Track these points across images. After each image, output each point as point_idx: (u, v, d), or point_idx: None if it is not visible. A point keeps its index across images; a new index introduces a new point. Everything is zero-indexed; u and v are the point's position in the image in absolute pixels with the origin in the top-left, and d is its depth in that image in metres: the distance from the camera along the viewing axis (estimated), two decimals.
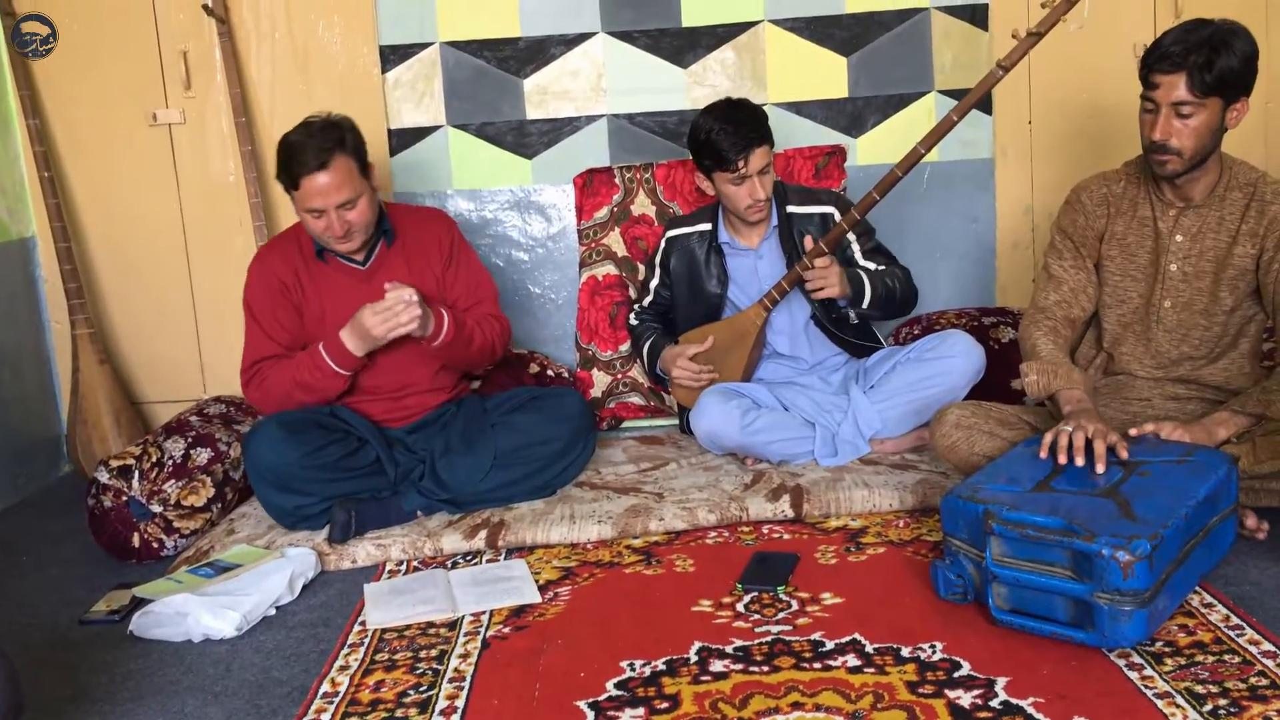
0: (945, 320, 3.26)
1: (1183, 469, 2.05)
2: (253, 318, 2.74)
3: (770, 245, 2.99)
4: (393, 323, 2.54)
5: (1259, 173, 2.39)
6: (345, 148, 2.57)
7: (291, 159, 2.55)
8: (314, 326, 2.72)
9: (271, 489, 2.58)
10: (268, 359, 2.71)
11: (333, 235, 2.61)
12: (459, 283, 2.83)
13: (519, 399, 2.84)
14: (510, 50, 3.41)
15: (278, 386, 2.67)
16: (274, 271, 2.73)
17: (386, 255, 2.76)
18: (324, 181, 2.53)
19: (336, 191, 2.55)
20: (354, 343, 2.60)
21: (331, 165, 2.53)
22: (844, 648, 1.92)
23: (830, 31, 3.40)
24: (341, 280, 2.73)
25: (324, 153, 2.53)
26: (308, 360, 2.65)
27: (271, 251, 2.79)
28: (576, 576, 2.33)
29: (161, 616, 2.19)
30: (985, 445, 2.43)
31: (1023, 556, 1.90)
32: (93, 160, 3.41)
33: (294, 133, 2.60)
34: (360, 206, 2.60)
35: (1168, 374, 2.45)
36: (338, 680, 1.95)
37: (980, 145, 3.46)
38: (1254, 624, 1.91)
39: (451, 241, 2.84)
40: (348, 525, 2.53)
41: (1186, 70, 2.22)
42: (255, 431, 2.62)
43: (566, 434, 2.76)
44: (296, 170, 2.54)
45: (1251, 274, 2.37)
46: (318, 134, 2.56)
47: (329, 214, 2.57)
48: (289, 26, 3.36)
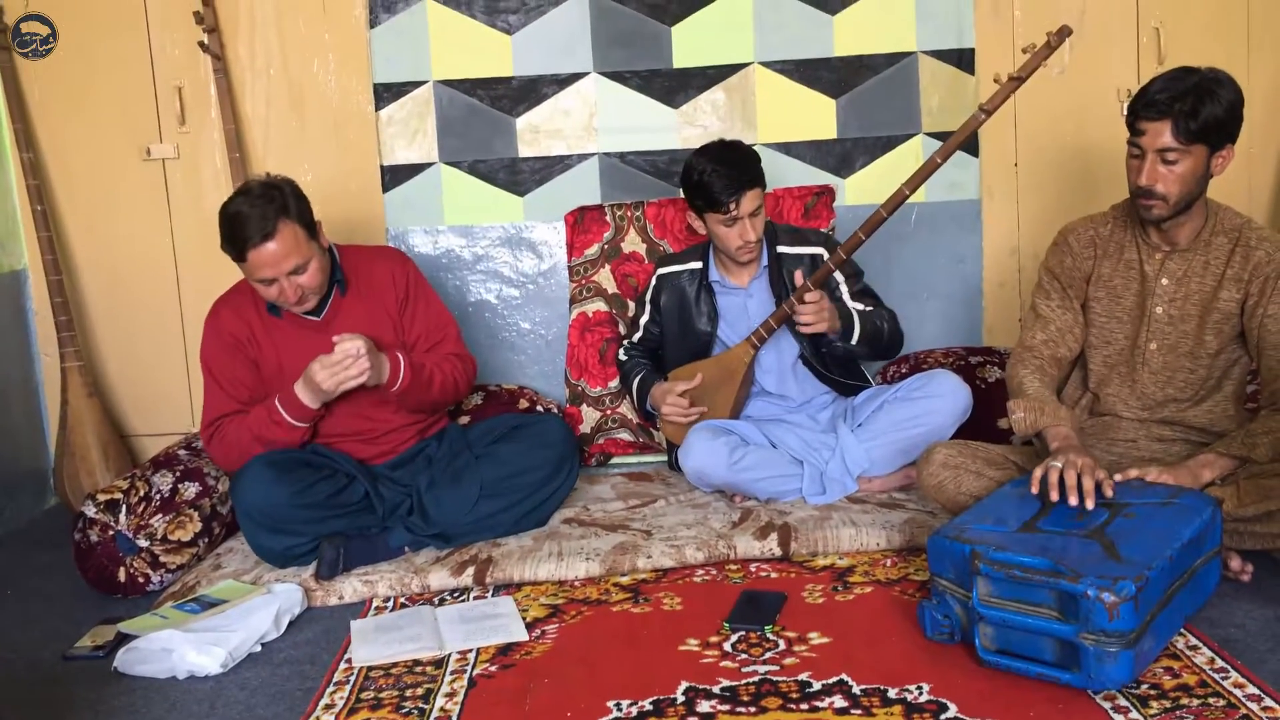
0: (932, 360, 3.28)
1: (1168, 511, 2.06)
2: (210, 376, 2.71)
3: (760, 284, 3.02)
4: (341, 376, 2.51)
5: (1244, 219, 2.42)
6: (289, 214, 2.50)
7: (234, 231, 2.48)
8: (272, 380, 2.69)
9: (261, 530, 2.56)
10: (226, 416, 2.69)
11: (285, 301, 2.57)
12: (417, 323, 2.79)
13: (501, 429, 2.84)
14: (503, 89, 3.44)
15: (236, 443, 2.65)
16: (228, 329, 2.69)
17: (341, 303, 2.71)
18: (271, 250, 2.47)
19: (285, 260, 2.49)
20: (307, 396, 2.58)
21: (277, 234, 2.46)
22: (831, 688, 1.92)
23: (819, 74, 3.45)
24: (296, 333, 2.68)
25: (267, 221, 2.46)
26: (264, 415, 2.63)
27: (225, 307, 2.73)
28: (564, 614, 2.32)
29: (146, 653, 2.18)
30: (972, 485, 2.44)
31: (1009, 597, 1.91)
32: (86, 194, 3.42)
33: (234, 202, 2.52)
34: (311, 270, 2.55)
35: (1153, 415, 2.47)
36: (323, 719, 1.94)
37: (967, 187, 3.50)
38: (1239, 667, 1.92)
39: (407, 281, 2.79)
40: (336, 562, 2.52)
41: (1172, 118, 2.26)
42: (243, 473, 2.59)
43: (550, 461, 2.76)
44: (241, 243, 2.47)
45: (1236, 318, 2.40)
46: (259, 202, 2.48)
47: (280, 282, 2.52)
48: (284, 63, 3.39)
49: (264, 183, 2.56)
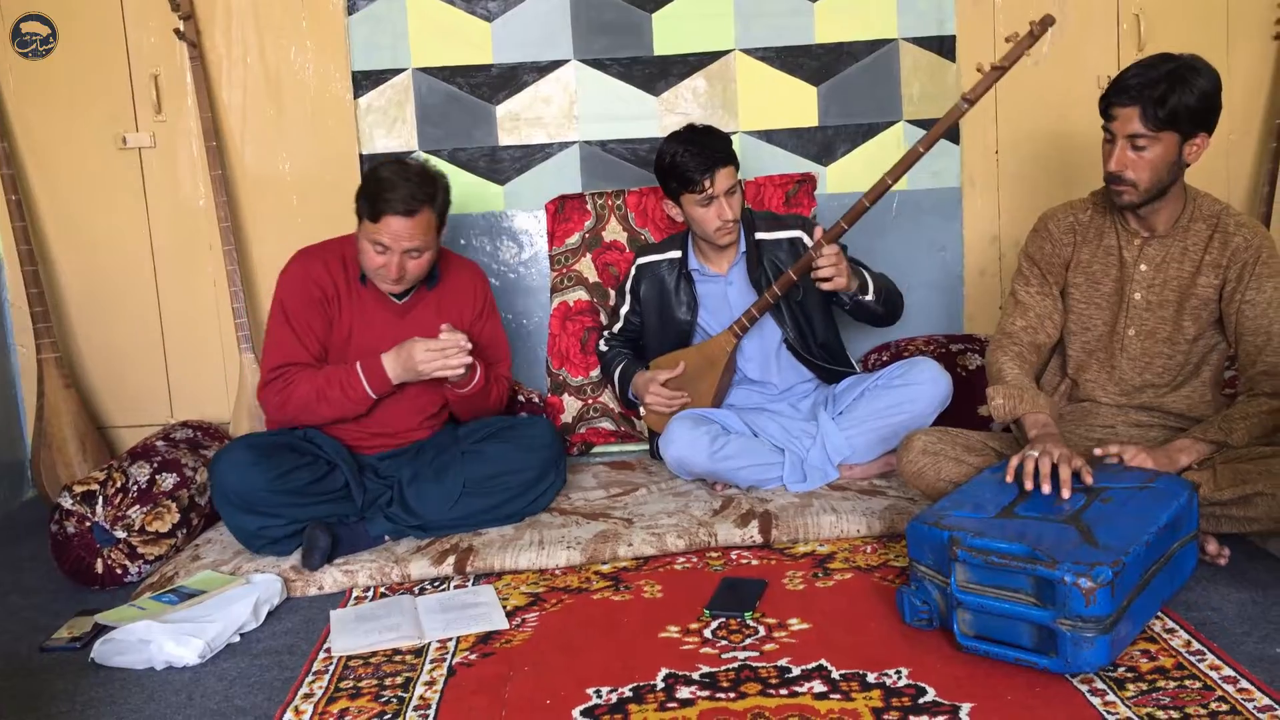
0: (913, 347, 3.29)
1: (1144, 495, 2.07)
2: (286, 319, 2.70)
3: (739, 271, 3.01)
4: (441, 363, 2.57)
5: (1222, 205, 2.43)
6: (434, 204, 2.60)
7: (380, 193, 2.54)
8: (339, 344, 2.72)
9: (236, 511, 2.56)
10: (295, 365, 2.68)
11: (388, 275, 2.62)
12: (483, 339, 2.84)
13: (490, 427, 2.83)
14: (483, 77, 3.43)
15: (302, 396, 2.65)
16: (316, 280, 2.71)
17: (423, 296, 2.78)
18: (405, 225, 2.55)
19: (410, 239, 2.57)
20: (395, 371, 2.62)
21: (417, 215, 2.55)
22: (810, 674, 1.92)
23: (800, 61, 3.44)
24: (375, 309, 2.73)
25: (415, 201, 2.55)
26: (340, 376, 2.64)
27: (314, 260, 2.75)
28: (544, 602, 2.32)
29: (124, 644, 2.16)
30: (952, 471, 2.44)
31: (987, 582, 1.92)
32: (61, 183, 3.39)
33: (389, 168, 2.60)
34: (424, 259, 2.65)
35: (1131, 401, 2.48)
36: (301, 708, 1.93)
37: (948, 175, 3.50)
38: (1215, 649, 1.93)
39: (485, 298, 2.89)
40: (326, 550, 2.50)
41: (1141, 104, 2.26)
42: (223, 454, 2.60)
43: (537, 464, 2.75)
44: (382, 206, 2.53)
45: (1214, 304, 2.41)
46: (415, 179, 2.57)
47: (393, 254, 2.58)
48: (261, 51, 3.36)
49: (425, 166, 2.66)
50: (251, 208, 3.42)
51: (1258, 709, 1.73)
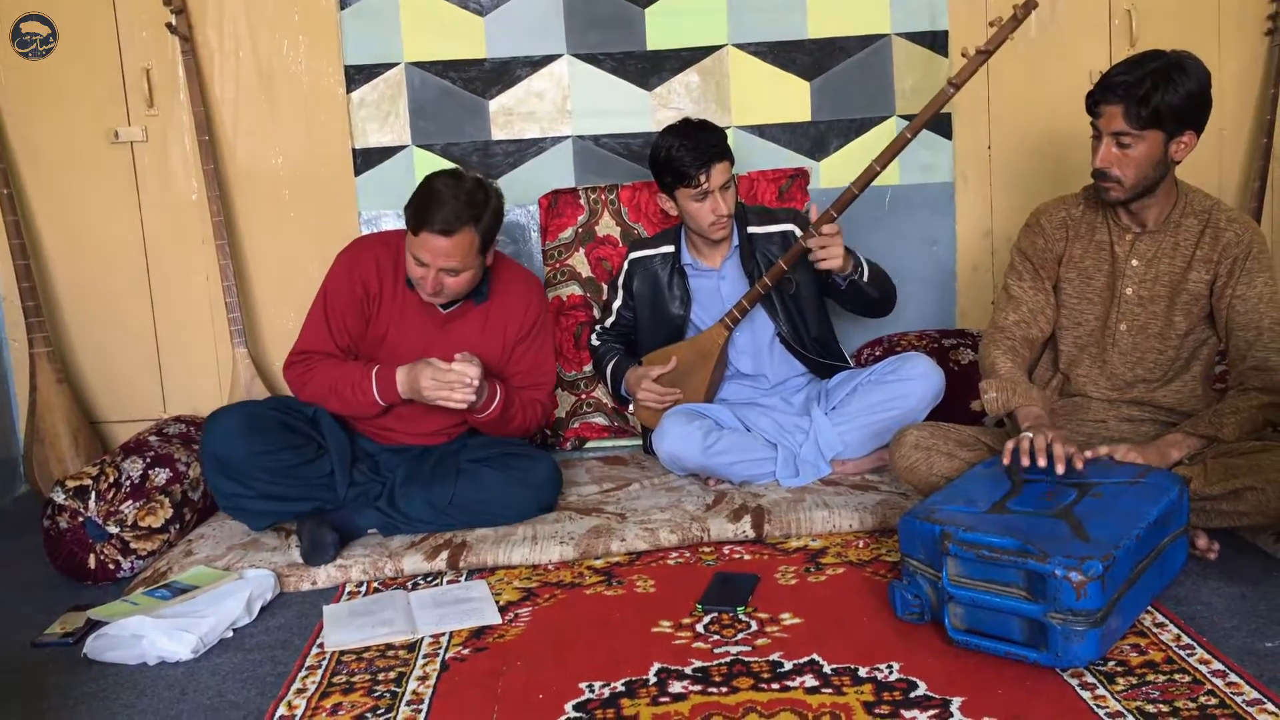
0: (906, 342, 3.29)
1: (1135, 490, 2.08)
2: (325, 308, 2.71)
3: (732, 266, 3.02)
4: (445, 394, 2.54)
5: (1214, 200, 2.44)
6: (478, 225, 2.54)
7: (426, 206, 2.51)
8: (373, 343, 2.71)
9: (214, 472, 2.59)
10: (321, 354, 2.69)
11: (424, 288, 2.59)
12: (525, 360, 2.80)
13: (494, 449, 2.75)
14: (475, 71, 3.42)
15: (319, 385, 2.67)
16: (361, 276, 2.70)
17: (469, 309, 2.74)
18: (442, 244, 2.51)
19: (447, 259, 2.53)
20: (404, 386, 2.61)
21: (455, 235, 2.50)
22: (802, 668, 1.93)
23: (793, 56, 3.44)
24: (416, 314, 2.71)
25: (456, 221, 2.49)
26: (356, 375, 2.65)
27: (366, 253, 2.73)
28: (537, 597, 2.32)
29: (116, 639, 2.16)
30: (944, 466, 2.45)
31: (978, 577, 1.92)
32: (53, 177, 3.38)
33: (441, 180, 2.55)
34: (463, 278, 2.59)
35: (1122, 395, 2.49)
36: (294, 703, 1.94)
37: (940, 170, 3.51)
38: (1204, 644, 1.94)
39: (536, 319, 2.81)
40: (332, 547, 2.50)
41: (1125, 103, 2.26)
42: (218, 416, 2.61)
43: (529, 502, 2.69)
44: (423, 220, 2.50)
45: (1205, 299, 2.41)
46: (463, 196, 2.51)
47: (430, 270, 2.55)
48: (253, 45, 3.35)
49: (479, 180, 2.58)
50: (244, 202, 3.42)
51: (1246, 703, 1.74)
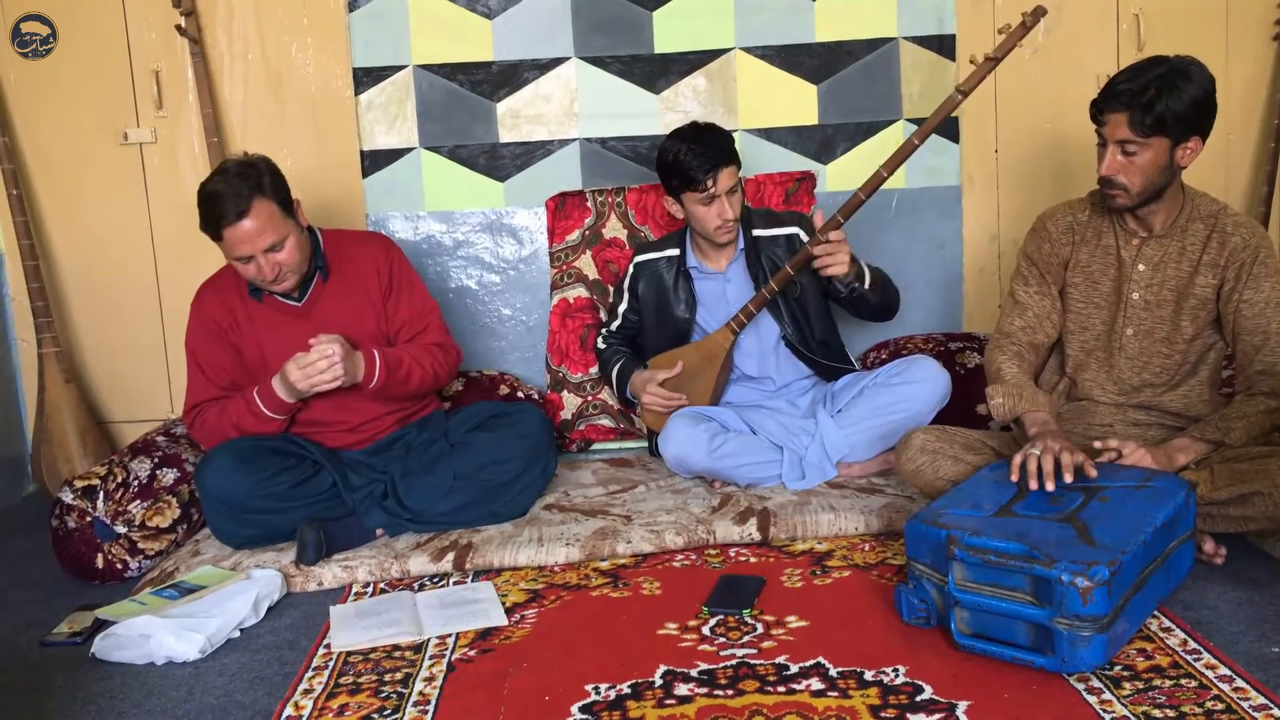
0: (912, 345, 3.29)
1: (1141, 495, 2.08)
2: (194, 361, 2.72)
3: (738, 269, 3.02)
4: (315, 379, 2.52)
5: (1220, 205, 2.43)
6: (264, 190, 2.50)
7: (211, 210, 2.49)
8: (255, 366, 2.69)
9: (223, 518, 2.58)
10: (208, 402, 2.69)
11: (264, 279, 2.57)
12: (400, 312, 2.78)
13: (480, 416, 2.82)
14: (483, 74, 3.43)
15: (216, 430, 2.66)
16: (210, 314, 2.70)
17: (323, 290, 2.71)
18: (246, 227, 2.48)
19: (260, 237, 2.49)
20: (283, 391, 2.59)
21: (252, 211, 2.47)
22: (808, 671, 1.93)
23: (800, 60, 3.44)
24: (278, 319, 2.68)
25: (241, 199, 2.47)
26: (242, 405, 2.64)
27: (209, 292, 2.74)
28: (543, 599, 2.33)
29: (124, 639, 2.17)
30: (950, 470, 2.45)
31: (984, 581, 1.92)
32: (62, 178, 3.39)
33: (210, 181, 2.53)
34: (288, 247, 2.55)
35: (1129, 400, 2.49)
36: (301, 704, 1.94)
37: (947, 173, 3.51)
38: (1211, 648, 1.94)
39: (391, 269, 2.78)
40: (318, 544, 2.51)
41: (1129, 110, 2.26)
42: (207, 460, 2.60)
43: (525, 452, 2.73)
44: (217, 221, 2.48)
45: (1212, 303, 2.41)
46: (234, 180, 2.49)
47: (257, 259, 2.52)
48: (262, 48, 3.37)
49: (240, 161, 2.57)
50: None
51: (1253, 708, 1.74)
